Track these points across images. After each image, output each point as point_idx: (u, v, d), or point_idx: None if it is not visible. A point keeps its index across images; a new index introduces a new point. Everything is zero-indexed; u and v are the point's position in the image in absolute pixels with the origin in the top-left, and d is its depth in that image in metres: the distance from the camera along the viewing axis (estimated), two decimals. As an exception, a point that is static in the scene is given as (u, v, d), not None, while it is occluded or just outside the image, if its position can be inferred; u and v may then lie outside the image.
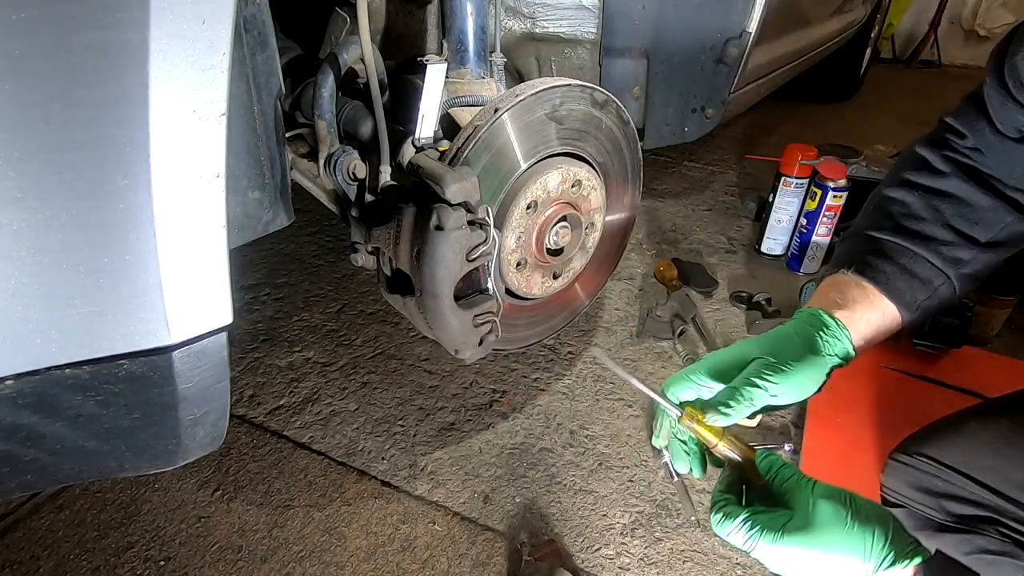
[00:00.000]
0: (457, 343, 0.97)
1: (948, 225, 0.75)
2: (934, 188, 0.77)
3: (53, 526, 1.08)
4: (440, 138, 1.04)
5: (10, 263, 0.51)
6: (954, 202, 0.76)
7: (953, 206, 0.76)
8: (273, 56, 0.79)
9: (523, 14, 1.25)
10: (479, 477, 1.20)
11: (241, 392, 1.39)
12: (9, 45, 0.46)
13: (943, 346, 1.45)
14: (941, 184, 0.77)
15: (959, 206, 0.76)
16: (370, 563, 1.04)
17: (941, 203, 0.76)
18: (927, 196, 0.77)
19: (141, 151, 0.53)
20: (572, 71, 1.31)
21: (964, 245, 0.75)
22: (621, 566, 1.05)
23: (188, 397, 0.64)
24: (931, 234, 0.75)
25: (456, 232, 0.86)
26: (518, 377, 1.46)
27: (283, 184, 0.85)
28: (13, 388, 0.54)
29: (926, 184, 0.77)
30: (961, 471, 0.85)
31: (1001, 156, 0.73)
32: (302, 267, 1.88)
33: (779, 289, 1.79)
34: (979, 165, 0.76)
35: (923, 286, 0.76)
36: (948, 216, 0.75)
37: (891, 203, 0.79)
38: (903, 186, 0.79)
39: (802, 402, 0.71)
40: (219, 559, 1.04)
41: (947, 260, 0.75)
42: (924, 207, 0.77)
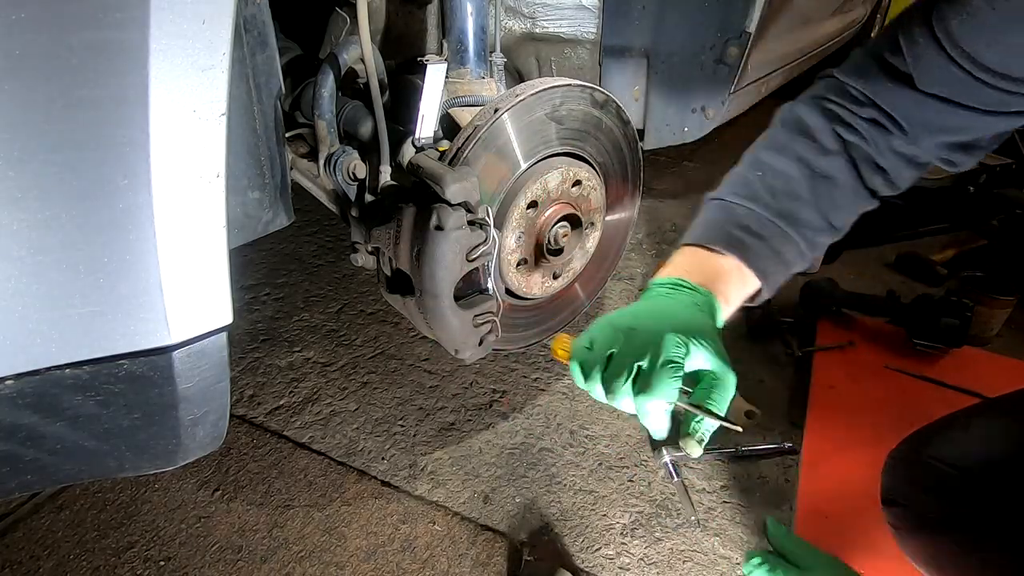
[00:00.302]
0: (457, 343, 0.97)
1: (821, 211, 0.73)
2: (819, 168, 0.72)
3: (53, 526, 1.08)
4: (440, 138, 1.04)
5: (10, 263, 0.51)
6: (832, 185, 0.72)
7: (830, 190, 0.72)
8: (273, 56, 0.79)
9: (523, 14, 1.25)
10: (479, 477, 1.20)
11: (241, 392, 1.39)
12: (9, 45, 0.46)
13: (943, 346, 1.45)
14: (826, 165, 0.72)
15: (835, 190, 0.72)
16: (370, 563, 1.04)
17: (821, 186, 0.72)
18: (811, 176, 0.72)
19: (141, 151, 0.53)
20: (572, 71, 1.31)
21: (827, 231, 0.74)
22: (621, 566, 1.05)
23: (188, 397, 0.64)
24: (807, 218, 0.72)
25: (456, 232, 0.86)
26: (518, 377, 1.46)
27: (283, 184, 0.85)
28: (13, 388, 0.54)
29: (812, 162, 0.72)
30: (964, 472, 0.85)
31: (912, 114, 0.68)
32: (302, 267, 1.87)
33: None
34: (869, 148, 0.71)
35: (785, 269, 0.74)
36: (823, 201, 0.72)
37: (774, 175, 0.73)
38: (789, 156, 0.73)
39: (803, 407, 0.70)
40: (219, 559, 1.04)
41: (811, 245, 0.74)
42: (806, 187, 0.72)
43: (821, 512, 1.08)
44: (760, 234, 0.71)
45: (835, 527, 1.04)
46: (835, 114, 0.72)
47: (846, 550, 1.01)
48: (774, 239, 0.71)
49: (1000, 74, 0.60)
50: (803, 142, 0.73)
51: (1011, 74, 0.60)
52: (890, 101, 0.69)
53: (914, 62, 0.65)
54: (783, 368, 1.50)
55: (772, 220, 0.71)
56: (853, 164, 0.72)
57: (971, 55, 0.60)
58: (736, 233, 0.71)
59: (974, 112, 0.65)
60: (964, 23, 0.60)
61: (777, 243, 0.72)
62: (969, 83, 0.62)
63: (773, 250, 0.71)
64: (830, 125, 0.72)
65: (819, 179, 0.72)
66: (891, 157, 0.72)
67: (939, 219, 2.16)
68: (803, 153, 0.72)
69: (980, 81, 0.61)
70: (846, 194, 0.73)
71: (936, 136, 0.69)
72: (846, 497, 1.09)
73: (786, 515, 1.13)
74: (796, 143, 0.73)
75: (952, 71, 0.62)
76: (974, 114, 0.65)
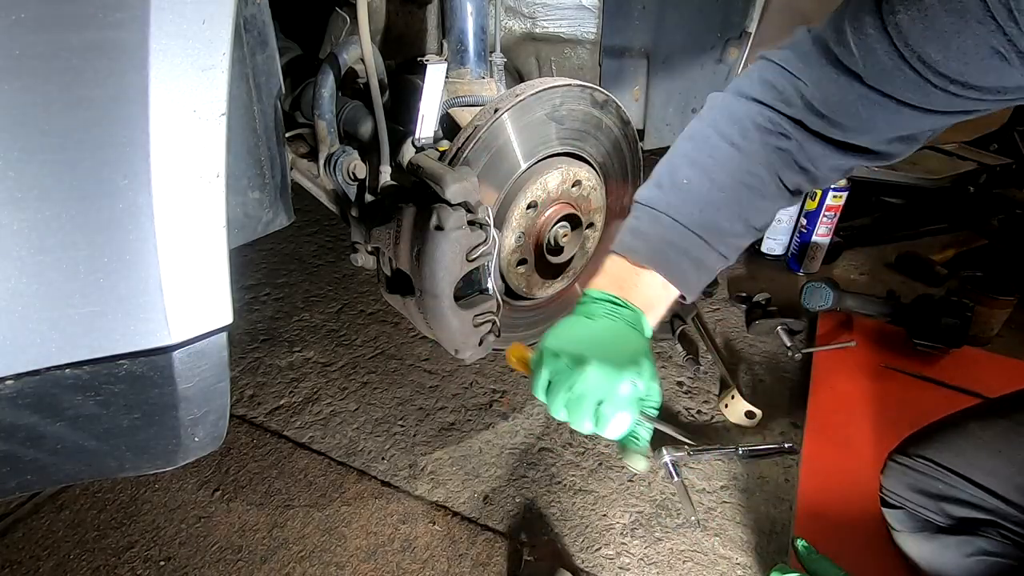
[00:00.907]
0: (457, 343, 0.97)
1: (743, 217, 0.73)
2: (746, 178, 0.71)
3: (53, 526, 1.08)
4: (440, 138, 1.04)
5: (10, 263, 0.51)
6: (753, 192, 0.72)
7: (752, 196, 0.72)
8: (273, 56, 0.79)
9: (523, 14, 1.25)
10: (479, 477, 1.20)
11: (241, 392, 1.39)
12: (9, 45, 0.46)
13: (943, 346, 1.45)
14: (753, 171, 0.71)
15: (756, 196, 0.72)
16: (370, 563, 1.04)
17: (743, 193, 0.72)
18: (737, 185, 0.72)
19: (141, 151, 0.53)
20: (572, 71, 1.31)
21: (748, 234, 0.74)
22: (621, 566, 1.05)
23: (188, 397, 0.64)
24: (728, 227, 0.73)
25: (456, 232, 0.86)
26: (518, 377, 1.46)
27: (283, 184, 0.85)
28: (13, 388, 0.54)
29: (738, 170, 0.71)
30: (961, 474, 0.85)
31: (859, 110, 0.65)
32: (302, 267, 1.87)
33: (779, 289, 1.79)
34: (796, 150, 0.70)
35: (707, 275, 0.76)
36: (747, 208, 0.73)
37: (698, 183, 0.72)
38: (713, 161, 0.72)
39: (803, 407, 0.71)
40: (219, 559, 1.04)
41: (732, 249, 0.75)
42: (732, 197, 0.72)
43: (821, 512, 1.08)
44: (683, 249, 0.73)
45: (835, 527, 1.04)
46: (765, 113, 0.70)
47: (846, 550, 1.01)
48: (696, 251, 0.73)
49: (953, 79, 0.57)
50: (726, 145, 0.72)
51: (966, 81, 0.57)
52: (833, 95, 0.66)
53: (863, 56, 0.62)
54: (783, 368, 1.51)
55: (696, 234, 0.72)
56: (778, 168, 0.71)
57: (922, 57, 0.57)
58: (662, 250, 0.73)
59: (919, 111, 0.63)
60: (916, 22, 0.56)
61: (700, 255, 0.73)
62: (920, 84, 0.59)
63: (695, 262, 0.74)
64: (759, 126, 0.71)
65: (744, 188, 0.72)
66: (819, 158, 0.71)
67: (939, 219, 2.17)
68: (728, 161, 0.72)
69: (930, 83, 0.59)
70: (769, 198, 0.73)
71: (877, 133, 0.67)
72: (846, 497, 1.09)
73: (786, 515, 1.13)
74: (720, 145, 0.72)
75: (904, 71, 0.59)
76: (919, 113, 0.63)
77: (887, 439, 1.02)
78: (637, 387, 0.66)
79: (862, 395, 1.36)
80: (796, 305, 1.65)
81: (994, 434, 0.87)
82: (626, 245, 0.75)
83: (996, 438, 0.86)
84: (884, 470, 0.95)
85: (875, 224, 2.13)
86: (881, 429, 1.26)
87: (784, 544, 1.08)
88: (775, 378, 1.47)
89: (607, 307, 0.73)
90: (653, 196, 0.75)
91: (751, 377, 1.47)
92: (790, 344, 1.53)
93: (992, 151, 2.39)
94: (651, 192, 0.75)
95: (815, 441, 1.24)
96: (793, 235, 1.94)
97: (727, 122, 0.73)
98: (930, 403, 1.30)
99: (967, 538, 0.85)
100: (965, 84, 0.57)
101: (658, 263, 0.73)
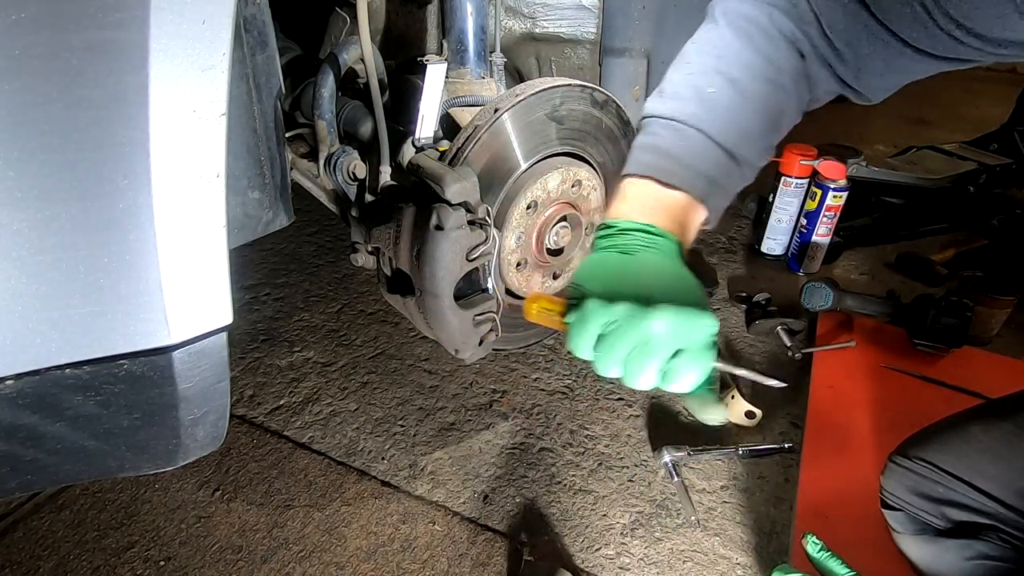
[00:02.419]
0: (457, 343, 0.97)
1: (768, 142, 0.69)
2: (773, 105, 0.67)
3: (53, 526, 1.08)
4: (440, 138, 1.04)
5: (10, 263, 0.51)
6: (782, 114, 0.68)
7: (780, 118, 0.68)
8: (273, 56, 0.79)
9: (523, 14, 1.25)
10: (479, 477, 1.20)
11: (241, 392, 1.39)
12: (9, 45, 0.46)
13: (943, 346, 1.45)
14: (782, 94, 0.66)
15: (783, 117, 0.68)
16: (370, 563, 1.04)
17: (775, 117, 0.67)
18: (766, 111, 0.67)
19: (141, 151, 0.53)
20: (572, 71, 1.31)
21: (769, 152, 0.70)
22: (621, 566, 1.05)
23: (188, 397, 0.64)
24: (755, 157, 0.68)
25: (456, 232, 0.86)
26: (518, 377, 1.46)
27: (283, 184, 0.85)
28: (13, 388, 0.54)
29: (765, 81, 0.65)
30: (961, 478, 0.85)
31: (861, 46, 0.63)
32: (302, 267, 1.87)
33: (779, 289, 1.79)
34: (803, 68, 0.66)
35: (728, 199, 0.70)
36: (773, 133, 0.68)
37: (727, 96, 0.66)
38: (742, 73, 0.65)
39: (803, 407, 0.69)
40: (219, 559, 1.04)
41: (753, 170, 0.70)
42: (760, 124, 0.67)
43: (821, 512, 1.08)
44: (717, 180, 0.66)
45: (835, 527, 1.04)
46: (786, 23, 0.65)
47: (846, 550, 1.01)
48: (729, 180, 0.67)
49: (959, 23, 0.55)
50: (754, 55, 0.65)
51: (971, 27, 0.55)
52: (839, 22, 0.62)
53: None
54: (783, 368, 1.50)
55: (726, 150, 0.65)
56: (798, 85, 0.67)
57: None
58: (694, 167, 0.65)
59: (918, 54, 0.60)
60: None
61: (729, 182, 0.68)
62: (925, 23, 0.57)
63: (724, 189, 0.67)
64: (782, 33, 0.65)
65: (775, 111, 0.67)
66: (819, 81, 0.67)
67: (939, 219, 2.16)
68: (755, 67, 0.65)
69: (936, 24, 0.56)
70: (790, 118, 0.69)
71: (871, 73, 0.65)
72: (846, 497, 1.09)
73: (786, 515, 1.13)
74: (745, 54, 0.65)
75: (912, 5, 0.56)
76: (918, 56, 0.61)
77: (887, 439, 1.02)
78: (713, 331, 0.56)
79: (862, 395, 1.36)
80: (796, 305, 1.65)
81: (995, 437, 0.86)
82: (651, 165, 0.65)
83: (997, 441, 0.86)
84: (884, 472, 0.95)
85: (875, 224, 2.13)
86: (881, 429, 1.26)
87: (784, 544, 1.08)
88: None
89: (643, 238, 0.62)
90: (673, 108, 0.66)
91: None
92: (790, 344, 1.53)
93: (992, 151, 2.38)
94: (669, 104, 0.67)
95: (815, 441, 1.23)
96: (793, 235, 1.94)
97: (748, 26, 0.66)
98: (930, 403, 1.31)
99: (967, 542, 0.85)
100: (970, 31, 0.56)
101: (691, 186, 0.64)
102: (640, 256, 0.61)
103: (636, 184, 0.66)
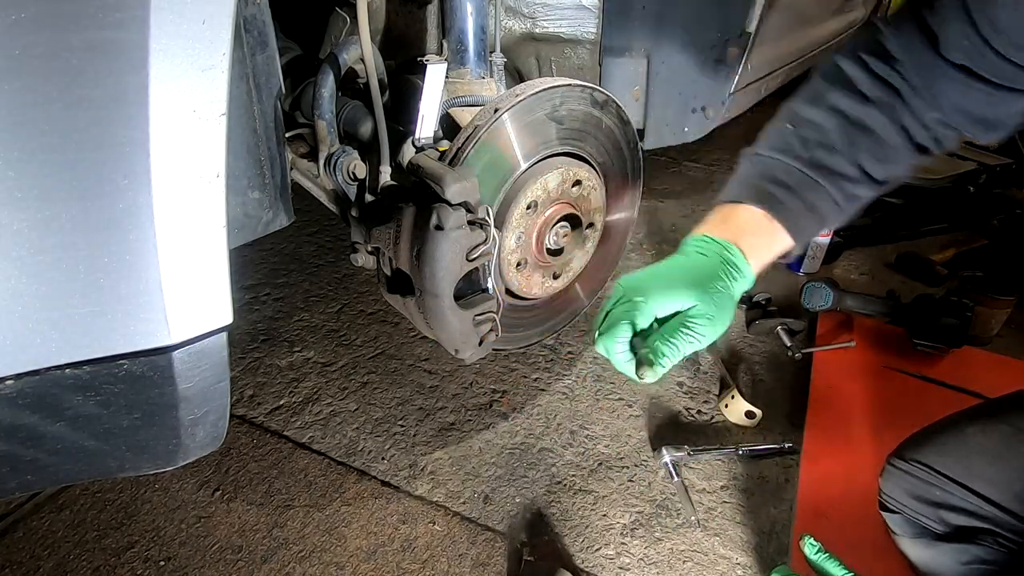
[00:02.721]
0: (457, 343, 0.97)
1: (857, 163, 0.70)
2: (855, 118, 0.70)
3: (53, 526, 1.08)
4: (440, 138, 1.04)
5: (10, 263, 0.51)
6: (869, 137, 0.70)
7: (868, 141, 0.70)
8: (273, 56, 0.79)
9: (523, 14, 1.25)
10: (479, 477, 1.20)
11: (241, 392, 1.39)
12: (9, 45, 0.46)
13: (943, 346, 1.45)
14: (863, 114, 0.70)
15: (873, 142, 0.70)
16: (370, 563, 1.04)
17: (858, 136, 0.70)
18: (847, 126, 0.70)
19: (141, 151, 0.53)
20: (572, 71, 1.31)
21: (865, 183, 0.72)
22: (621, 566, 1.05)
23: (188, 397, 0.64)
24: (841, 170, 0.70)
25: (456, 232, 0.86)
26: (518, 377, 1.46)
27: (283, 184, 0.85)
28: (13, 388, 0.54)
29: (848, 112, 0.71)
30: (959, 482, 0.85)
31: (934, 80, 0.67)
32: (302, 267, 1.87)
33: (779, 289, 1.79)
34: (905, 97, 0.69)
35: (819, 222, 0.73)
36: (861, 152, 0.70)
37: (808, 126, 0.72)
38: (822, 106, 0.72)
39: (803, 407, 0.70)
40: (219, 559, 1.04)
41: (847, 196, 0.72)
42: (841, 138, 0.70)
43: (821, 512, 1.08)
44: (788, 185, 0.70)
45: (835, 527, 1.04)
46: (870, 66, 0.70)
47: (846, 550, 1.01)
48: (804, 190, 0.70)
49: (1016, 43, 0.57)
50: (838, 92, 0.70)
51: None
52: (916, 61, 0.67)
53: (940, 22, 0.62)
54: (783, 368, 1.50)
55: (802, 170, 0.70)
56: (891, 116, 0.69)
57: (991, 18, 0.57)
58: (763, 186, 0.71)
59: (989, 86, 0.63)
60: None
61: (808, 194, 0.70)
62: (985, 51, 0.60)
63: (803, 201, 0.70)
64: (867, 75, 0.70)
65: (854, 128, 0.70)
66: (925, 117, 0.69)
67: (939, 219, 2.16)
68: (837, 102, 0.70)
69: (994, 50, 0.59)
70: (884, 145, 0.70)
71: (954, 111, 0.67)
72: (846, 497, 1.09)
73: (786, 515, 1.13)
74: (831, 93, 0.71)
75: (971, 35, 0.60)
76: (989, 88, 0.63)
77: (887, 439, 1.02)
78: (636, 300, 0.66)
79: (862, 395, 1.35)
80: (796, 305, 1.65)
81: (992, 439, 0.86)
82: (727, 192, 0.74)
83: (994, 443, 0.85)
84: (882, 474, 0.95)
85: (875, 224, 2.12)
86: (881, 429, 1.25)
87: (784, 544, 1.08)
88: (775, 378, 1.47)
89: (693, 246, 0.71)
90: (758, 145, 0.74)
91: (751, 377, 1.47)
92: (790, 344, 1.53)
93: (992, 151, 2.39)
94: (757, 143, 0.75)
95: (815, 441, 1.23)
96: (793, 235, 1.94)
97: (836, 71, 0.72)
98: (930, 403, 1.31)
99: (964, 546, 0.84)
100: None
101: (759, 198, 0.70)
102: (670, 259, 0.72)
103: (713, 210, 0.75)
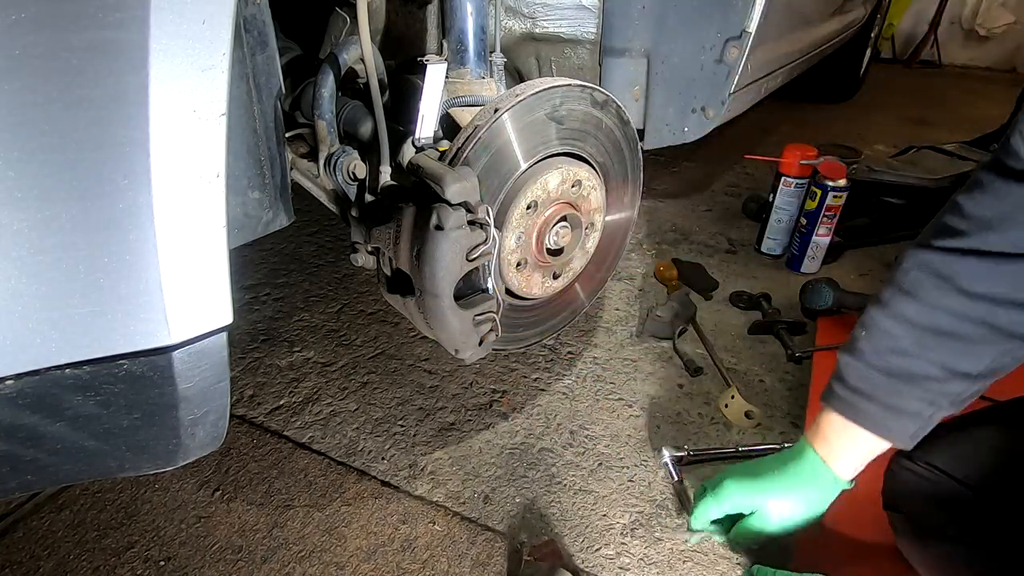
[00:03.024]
0: (457, 343, 0.97)
1: (939, 363, 0.74)
2: (924, 324, 0.75)
3: (53, 526, 1.08)
4: (440, 138, 1.04)
5: (10, 263, 0.51)
6: (944, 339, 0.74)
7: (943, 343, 0.74)
8: (273, 56, 0.79)
9: (523, 14, 1.25)
10: (479, 477, 1.20)
11: (241, 392, 1.39)
12: (9, 45, 0.46)
13: (943, 346, 1.45)
14: (931, 318, 0.74)
15: (950, 342, 0.73)
16: (370, 563, 1.04)
17: (930, 339, 0.74)
18: (916, 331, 0.76)
19: (141, 151, 0.53)
20: (572, 71, 1.31)
21: (956, 379, 0.75)
22: (621, 566, 1.05)
23: (188, 397, 0.64)
24: (919, 371, 0.75)
25: (456, 232, 0.86)
26: (518, 377, 1.46)
27: (283, 184, 0.85)
28: (13, 388, 0.54)
29: (915, 319, 0.76)
30: (967, 483, 0.85)
31: None
32: (302, 267, 1.87)
33: (779, 289, 1.79)
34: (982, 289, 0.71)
35: (913, 418, 0.78)
36: (937, 354, 0.74)
37: (881, 335, 0.80)
38: (892, 314, 0.79)
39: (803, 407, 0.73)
40: (219, 559, 1.04)
41: (939, 394, 0.76)
42: (913, 343, 0.76)
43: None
44: (871, 394, 0.79)
45: (835, 527, 1.04)
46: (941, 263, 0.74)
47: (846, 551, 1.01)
48: (888, 396, 0.78)
49: None
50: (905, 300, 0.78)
51: None
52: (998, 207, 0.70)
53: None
54: (783, 368, 1.51)
55: (886, 377, 0.78)
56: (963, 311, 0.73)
57: None
58: (846, 396, 0.83)
59: None
60: None
61: (892, 399, 0.78)
62: None
63: (886, 406, 0.78)
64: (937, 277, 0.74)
65: (926, 333, 0.75)
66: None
67: (939, 219, 2.16)
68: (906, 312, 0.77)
69: None
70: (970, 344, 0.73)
71: None
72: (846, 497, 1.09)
73: (786, 515, 1.13)
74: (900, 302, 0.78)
75: None
76: None
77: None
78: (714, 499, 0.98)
79: (862, 395, 1.35)
80: (796, 305, 1.65)
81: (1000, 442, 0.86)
82: (821, 395, 0.88)
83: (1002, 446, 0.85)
84: (887, 473, 0.95)
85: (875, 224, 2.13)
86: (881, 429, 1.25)
87: (785, 544, 1.08)
88: (775, 378, 1.47)
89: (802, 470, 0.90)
90: (850, 346, 0.84)
91: (751, 377, 1.47)
92: (790, 344, 1.53)
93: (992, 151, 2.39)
94: (850, 344, 0.84)
95: (815, 441, 1.23)
96: (793, 235, 1.94)
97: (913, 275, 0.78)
98: (930, 403, 1.30)
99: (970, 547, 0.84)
100: None
101: (837, 406, 0.84)
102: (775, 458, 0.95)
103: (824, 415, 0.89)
